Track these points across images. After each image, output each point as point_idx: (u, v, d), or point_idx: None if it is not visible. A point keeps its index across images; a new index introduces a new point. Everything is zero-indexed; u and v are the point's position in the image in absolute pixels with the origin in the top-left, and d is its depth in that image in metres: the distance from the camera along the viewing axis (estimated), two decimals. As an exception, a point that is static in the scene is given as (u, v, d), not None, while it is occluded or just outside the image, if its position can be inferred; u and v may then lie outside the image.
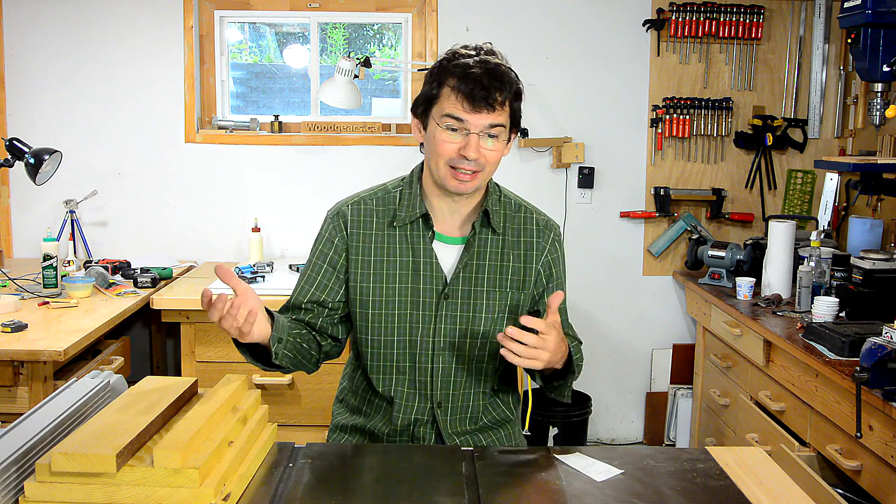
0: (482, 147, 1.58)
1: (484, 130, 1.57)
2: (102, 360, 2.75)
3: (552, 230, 1.77)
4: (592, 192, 3.66)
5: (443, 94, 1.59)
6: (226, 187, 3.62)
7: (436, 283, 1.67)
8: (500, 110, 1.58)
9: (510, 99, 1.59)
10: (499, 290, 1.70)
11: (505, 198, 1.76)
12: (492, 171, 1.64)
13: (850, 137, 3.47)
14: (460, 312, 1.68)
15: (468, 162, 1.57)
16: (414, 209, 1.68)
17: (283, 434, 1.57)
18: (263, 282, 3.03)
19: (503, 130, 1.60)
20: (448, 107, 1.57)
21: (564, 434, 3.42)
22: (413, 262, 1.68)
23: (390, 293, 1.68)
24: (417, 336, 1.68)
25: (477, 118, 1.56)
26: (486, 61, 1.58)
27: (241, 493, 1.31)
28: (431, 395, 1.70)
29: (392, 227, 1.69)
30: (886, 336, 1.99)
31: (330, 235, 1.72)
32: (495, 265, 1.70)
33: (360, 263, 1.69)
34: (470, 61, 1.58)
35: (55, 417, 1.34)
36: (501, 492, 1.34)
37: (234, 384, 1.47)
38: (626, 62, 3.59)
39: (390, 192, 1.73)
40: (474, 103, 1.55)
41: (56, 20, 3.49)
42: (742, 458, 1.52)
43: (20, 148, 2.90)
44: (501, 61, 1.62)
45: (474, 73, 1.55)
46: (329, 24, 3.77)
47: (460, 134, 1.58)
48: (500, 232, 1.71)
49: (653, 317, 3.76)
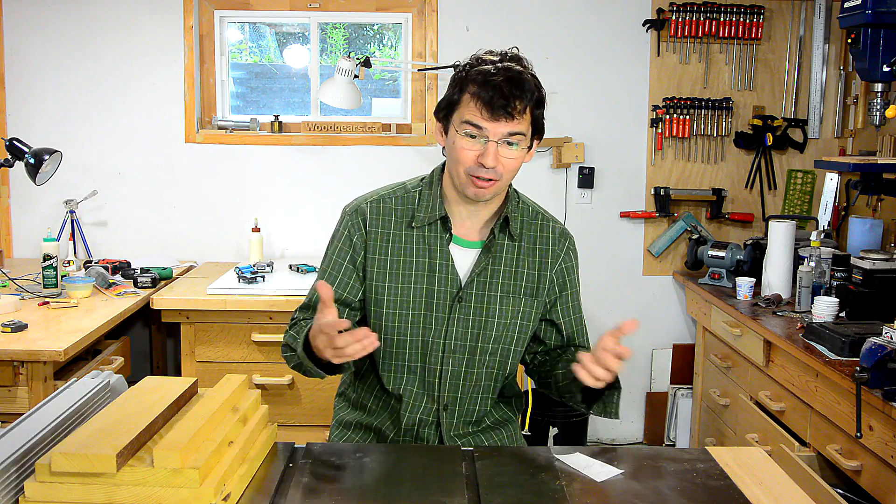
0: (501, 155, 1.57)
1: (503, 138, 1.56)
2: (102, 360, 2.75)
3: (567, 239, 1.77)
4: (592, 192, 3.66)
5: (463, 101, 1.58)
6: (226, 187, 3.62)
7: (451, 285, 1.67)
8: (520, 118, 1.56)
9: (531, 107, 1.58)
10: (512, 297, 1.70)
11: (523, 204, 1.75)
12: (510, 178, 1.63)
13: (850, 137, 3.47)
14: (473, 316, 1.68)
15: (486, 170, 1.57)
16: (433, 211, 1.67)
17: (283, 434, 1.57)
18: (263, 282, 3.03)
19: (523, 138, 1.59)
20: (467, 113, 1.57)
21: (564, 434, 3.42)
22: (429, 263, 1.67)
23: (405, 293, 1.67)
24: (429, 337, 1.68)
25: (496, 126, 1.55)
26: (508, 68, 1.57)
27: (241, 493, 1.31)
28: (439, 397, 1.70)
29: (410, 227, 1.68)
30: (886, 336, 1.99)
31: (349, 233, 1.70)
32: (510, 271, 1.70)
33: (376, 262, 1.68)
34: (491, 68, 1.57)
35: (55, 417, 1.34)
36: (501, 492, 1.34)
37: (234, 384, 1.47)
38: (626, 62, 3.59)
39: (410, 191, 1.72)
40: (493, 111, 1.54)
41: (56, 20, 3.49)
42: (742, 458, 1.52)
43: (20, 148, 2.90)
44: (525, 68, 1.61)
45: (494, 80, 1.54)
46: (329, 24, 3.77)
47: (479, 141, 1.57)
48: (517, 238, 1.71)
49: (653, 317, 3.76)
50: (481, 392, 1.73)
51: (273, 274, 3.17)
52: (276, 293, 2.93)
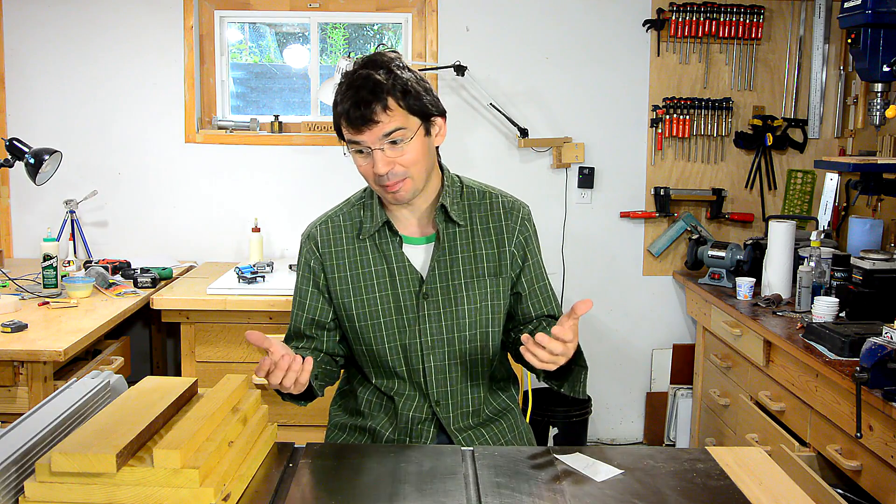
0: (390, 157, 1.56)
1: (381, 142, 1.55)
2: (102, 360, 2.75)
3: (519, 210, 1.76)
4: (592, 192, 3.66)
5: (340, 123, 1.59)
6: (226, 187, 3.62)
7: (412, 285, 1.69)
8: (387, 117, 1.54)
9: (393, 100, 1.54)
10: (476, 280, 1.70)
11: (467, 188, 1.75)
12: (421, 169, 1.61)
13: (850, 137, 3.47)
14: (443, 309, 1.69)
15: (384, 177, 1.57)
16: (376, 219, 1.70)
17: (283, 434, 1.57)
18: (263, 282, 3.03)
19: (404, 131, 1.56)
20: (346, 133, 1.58)
21: (564, 434, 3.42)
22: (387, 268, 1.69)
23: (371, 303, 1.69)
24: (405, 340, 1.70)
25: (367, 136, 1.55)
26: (356, 77, 1.55)
27: (241, 493, 1.31)
28: (429, 395, 1.71)
29: (360, 238, 1.71)
30: (886, 336, 1.99)
31: (306, 259, 1.75)
32: (468, 255, 1.70)
33: (337, 280, 1.71)
34: (344, 83, 1.57)
35: (55, 417, 1.34)
36: (501, 492, 1.34)
37: (234, 384, 1.47)
38: (626, 62, 3.59)
39: (354, 205, 1.76)
40: (356, 125, 1.54)
41: (56, 20, 3.49)
42: (742, 458, 1.52)
43: (20, 148, 2.90)
44: (375, 68, 1.55)
45: (348, 94, 1.54)
46: (329, 24, 3.77)
47: (367, 154, 1.58)
48: (464, 224, 1.71)
49: (653, 317, 3.76)
50: (470, 380, 1.74)
51: (273, 274, 3.18)
52: (276, 293, 2.93)
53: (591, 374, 4.07)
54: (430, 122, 1.62)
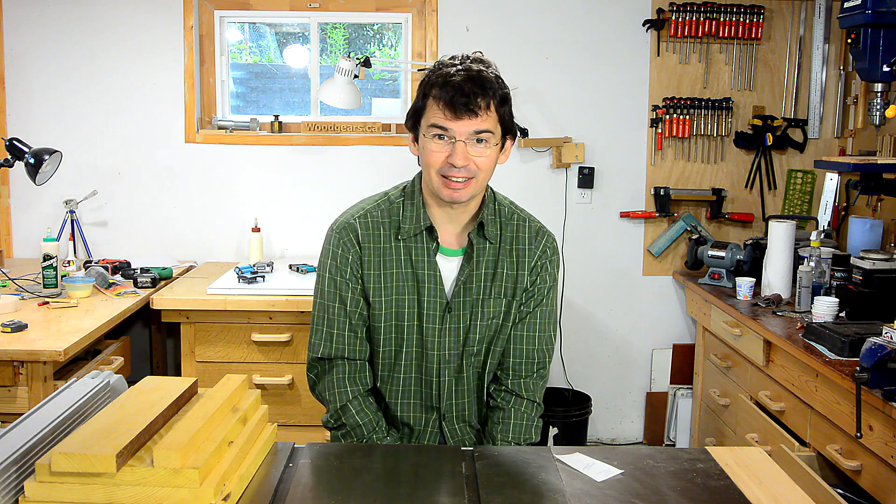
0: (470, 154, 1.57)
1: (470, 137, 1.56)
2: (102, 360, 2.75)
3: (544, 236, 1.76)
4: (592, 192, 3.66)
5: (427, 105, 1.59)
6: (226, 187, 3.62)
7: (438, 294, 1.67)
8: (485, 115, 1.56)
9: (494, 104, 1.58)
10: (493, 299, 1.70)
11: (499, 204, 1.75)
12: (486, 177, 1.62)
13: (850, 137, 3.47)
14: (461, 324, 1.68)
15: (457, 169, 1.57)
16: (418, 221, 1.67)
17: (283, 434, 1.57)
18: (263, 282, 3.02)
19: (491, 136, 1.59)
20: (433, 116, 1.57)
21: (564, 434, 3.42)
22: (416, 275, 1.67)
23: (399, 305, 1.67)
24: (423, 349, 1.68)
25: (461, 125, 1.56)
26: (468, 69, 1.58)
27: (241, 493, 1.31)
28: (438, 408, 1.72)
29: (398, 239, 1.68)
30: (886, 336, 1.99)
31: (343, 251, 1.68)
32: (490, 273, 1.70)
33: (371, 277, 1.67)
34: (452, 70, 1.58)
35: (55, 417, 1.34)
36: (501, 492, 1.34)
37: (234, 384, 1.47)
38: (626, 62, 3.59)
39: (393, 202, 1.71)
40: (456, 110, 1.55)
41: (56, 20, 3.49)
42: (742, 458, 1.52)
43: (20, 148, 2.90)
44: (486, 68, 1.61)
45: (455, 80, 1.55)
46: (329, 24, 3.77)
47: (447, 142, 1.57)
48: (494, 242, 1.71)
49: (653, 317, 3.76)
50: (477, 393, 1.74)
51: (273, 274, 3.17)
52: (276, 293, 2.93)
53: (592, 374, 4.08)
54: (506, 139, 1.65)
